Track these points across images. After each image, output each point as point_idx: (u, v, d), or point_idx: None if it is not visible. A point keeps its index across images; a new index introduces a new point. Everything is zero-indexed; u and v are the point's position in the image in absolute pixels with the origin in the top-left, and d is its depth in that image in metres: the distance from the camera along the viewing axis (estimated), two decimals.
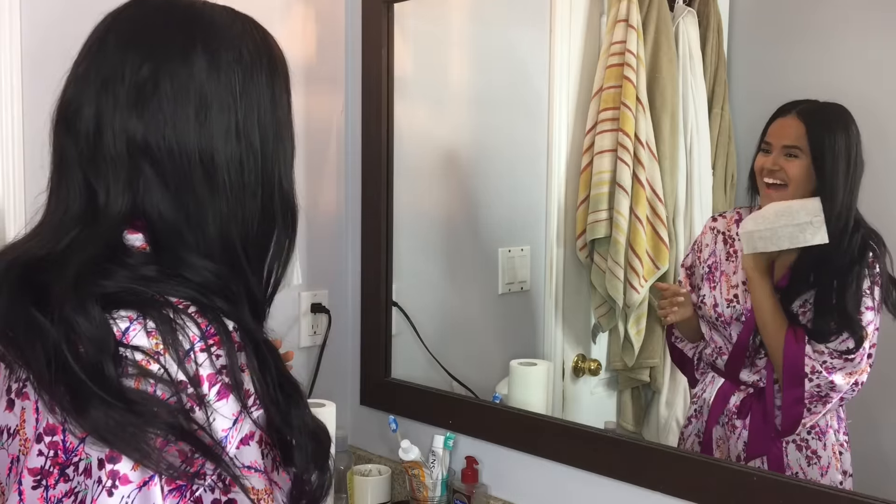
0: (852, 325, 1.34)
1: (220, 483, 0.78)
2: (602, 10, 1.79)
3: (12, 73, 1.50)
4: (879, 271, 1.33)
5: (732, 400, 1.48)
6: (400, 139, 1.94)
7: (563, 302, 1.88)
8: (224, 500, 0.78)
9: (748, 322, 1.47)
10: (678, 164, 1.68)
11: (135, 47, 0.85)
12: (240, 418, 0.79)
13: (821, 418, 1.39)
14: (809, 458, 1.40)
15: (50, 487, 0.77)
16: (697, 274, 1.58)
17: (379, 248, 1.94)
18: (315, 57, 1.97)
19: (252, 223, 0.89)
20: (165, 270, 0.83)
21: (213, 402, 0.78)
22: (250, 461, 0.80)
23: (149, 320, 0.78)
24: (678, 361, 1.66)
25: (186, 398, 0.76)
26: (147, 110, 0.83)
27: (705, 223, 1.60)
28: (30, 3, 1.52)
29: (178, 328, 0.78)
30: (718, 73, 1.62)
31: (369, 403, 1.99)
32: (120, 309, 0.78)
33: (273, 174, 0.90)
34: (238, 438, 0.79)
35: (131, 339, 0.77)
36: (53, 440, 0.77)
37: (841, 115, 1.37)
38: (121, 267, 0.81)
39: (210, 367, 0.78)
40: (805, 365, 1.36)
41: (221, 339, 0.80)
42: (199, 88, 0.85)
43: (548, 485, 1.64)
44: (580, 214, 1.79)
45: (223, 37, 0.87)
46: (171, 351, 0.77)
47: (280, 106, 0.91)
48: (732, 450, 1.47)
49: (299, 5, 1.93)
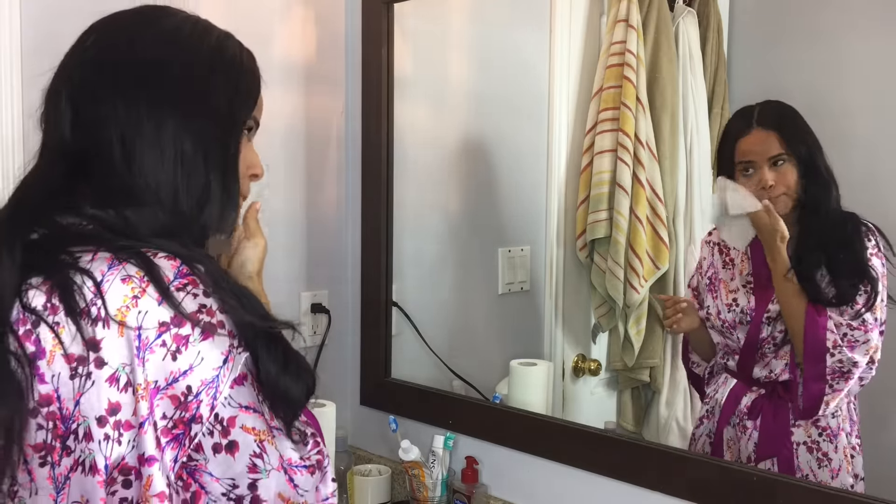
0: (868, 275, 1.35)
1: (219, 425, 0.78)
2: (602, 10, 1.79)
3: (12, 74, 1.50)
4: (875, 244, 1.36)
5: (744, 401, 1.48)
6: (400, 139, 1.94)
7: (563, 302, 1.88)
8: (226, 443, 0.78)
9: (754, 320, 1.47)
10: (678, 164, 1.68)
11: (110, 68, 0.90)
12: (230, 357, 0.79)
13: (840, 401, 1.38)
14: (820, 461, 1.40)
15: (55, 464, 0.78)
16: (701, 288, 1.58)
17: (379, 248, 1.94)
18: (315, 57, 1.97)
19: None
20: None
21: (199, 342, 0.78)
22: (247, 402, 0.80)
23: (126, 265, 0.79)
24: (692, 381, 1.66)
25: (171, 338, 0.77)
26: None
27: (701, 240, 1.60)
28: (29, 3, 1.52)
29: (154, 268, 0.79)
30: (718, 73, 1.62)
31: (369, 403, 1.99)
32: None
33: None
34: (231, 378, 0.79)
35: (107, 290, 0.78)
36: (50, 410, 0.78)
37: (788, 108, 1.41)
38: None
39: (192, 306, 0.79)
40: (827, 339, 1.35)
41: (199, 278, 0.81)
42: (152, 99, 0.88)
43: (548, 485, 1.64)
44: (580, 214, 1.79)
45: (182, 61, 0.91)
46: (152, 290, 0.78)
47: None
48: (743, 451, 1.47)
49: (299, 6, 1.93)
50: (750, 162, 1.43)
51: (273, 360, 0.82)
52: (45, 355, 0.77)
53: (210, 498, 0.79)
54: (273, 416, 0.82)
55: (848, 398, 1.39)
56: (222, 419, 0.78)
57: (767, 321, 1.46)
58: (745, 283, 1.50)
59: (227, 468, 0.79)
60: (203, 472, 0.78)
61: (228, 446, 0.78)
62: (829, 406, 1.38)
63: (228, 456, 0.79)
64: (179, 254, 0.82)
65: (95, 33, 0.92)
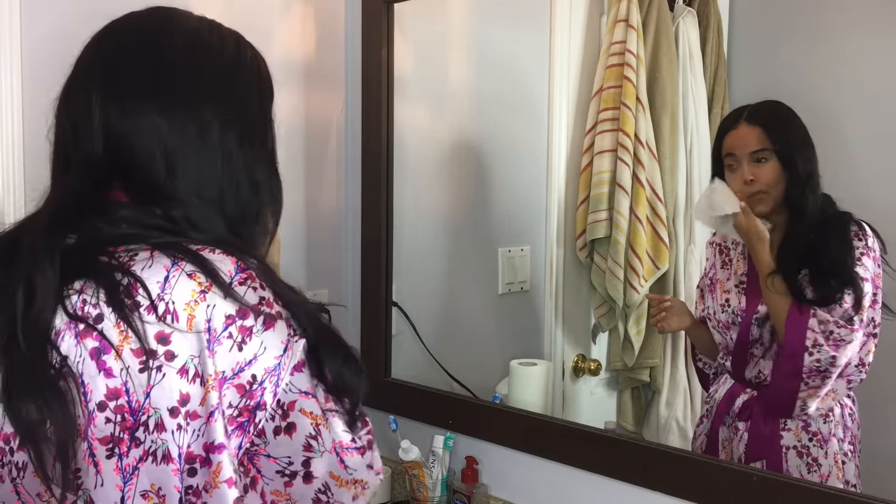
0: (850, 278, 1.34)
1: (280, 410, 0.82)
2: (602, 10, 1.79)
3: (12, 74, 1.50)
4: (867, 244, 1.35)
5: (737, 402, 1.48)
6: (400, 139, 1.94)
7: (563, 302, 1.88)
8: (285, 425, 0.82)
9: (744, 321, 1.47)
10: (678, 164, 1.68)
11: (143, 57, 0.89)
12: (289, 346, 0.83)
13: (828, 404, 1.38)
14: (810, 466, 1.39)
15: (123, 456, 0.79)
16: (703, 290, 1.59)
17: (379, 247, 1.94)
18: (315, 56, 1.97)
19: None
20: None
21: (262, 332, 0.81)
22: (305, 388, 0.83)
23: (187, 263, 0.81)
24: (701, 379, 1.67)
25: (237, 330, 0.80)
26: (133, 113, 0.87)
27: (706, 242, 1.61)
28: (30, 5, 1.52)
29: (215, 268, 0.82)
30: (718, 73, 1.62)
31: (369, 403, 1.96)
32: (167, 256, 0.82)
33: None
34: (291, 365, 0.83)
35: (174, 286, 0.80)
36: (119, 404, 0.79)
37: (782, 107, 1.41)
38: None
39: (253, 299, 0.82)
40: (807, 338, 1.35)
41: (255, 273, 0.84)
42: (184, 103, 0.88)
43: (548, 485, 1.64)
44: (580, 214, 1.79)
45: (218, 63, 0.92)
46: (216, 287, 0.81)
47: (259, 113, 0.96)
48: (735, 451, 1.47)
49: (299, 5, 1.93)
50: (733, 156, 1.44)
51: (333, 351, 0.87)
52: (112, 350, 0.79)
53: (265, 480, 0.83)
54: (328, 399, 0.85)
55: (842, 403, 1.39)
56: (283, 404, 0.82)
57: (757, 322, 1.46)
58: (738, 284, 1.50)
59: (284, 448, 0.82)
60: (261, 456, 0.82)
61: (287, 428, 0.82)
62: (809, 407, 1.38)
63: (286, 437, 0.82)
64: (233, 250, 0.85)
65: (115, 37, 0.91)
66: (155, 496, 0.79)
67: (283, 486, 0.84)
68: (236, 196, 0.90)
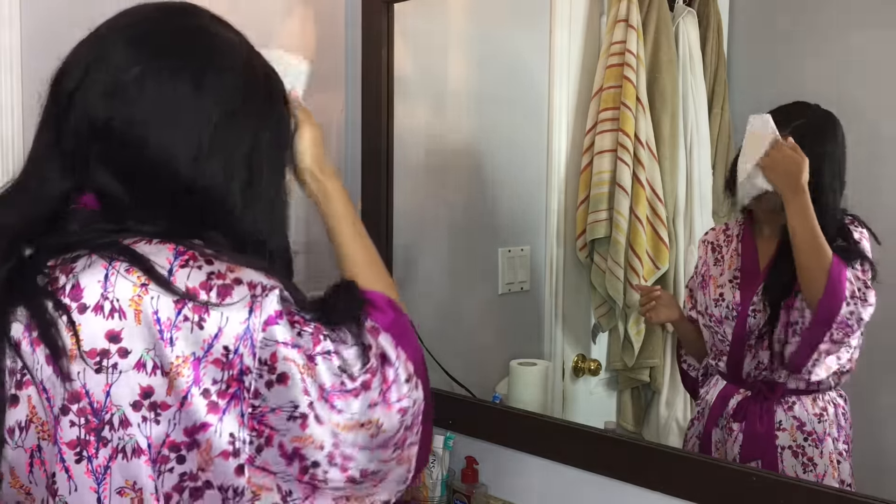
0: (863, 254, 1.35)
1: (265, 366, 0.81)
2: (602, 10, 1.79)
3: (12, 74, 1.50)
4: (861, 233, 1.36)
5: (731, 403, 1.49)
6: (400, 139, 1.94)
7: (563, 302, 1.88)
8: (276, 377, 0.81)
9: (741, 314, 1.48)
10: (678, 164, 1.68)
11: (135, 47, 0.88)
12: (254, 306, 0.81)
13: (826, 371, 1.38)
14: (805, 466, 1.39)
15: (92, 458, 0.80)
16: (694, 287, 1.59)
17: (378, 247, 1.94)
18: (315, 57, 1.97)
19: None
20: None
21: (220, 305, 0.80)
22: (284, 338, 0.82)
23: (122, 262, 0.82)
24: (685, 383, 1.67)
25: (190, 311, 0.79)
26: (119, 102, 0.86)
27: (699, 240, 1.61)
28: (30, 4, 1.52)
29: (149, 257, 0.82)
30: (718, 73, 1.62)
31: None
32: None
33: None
34: (262, 321, 0.81)
35: (115, 284, 0.81)
36: (80, 407, 0.80)
37: (829, 123, 1.38)
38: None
39: (200, 277, 0.81)
40: (846, 288, 1.34)
41: (198, 252, 0.83)
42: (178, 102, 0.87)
43: (547, 485, 1.64)
44: (580, 214, 1.79)
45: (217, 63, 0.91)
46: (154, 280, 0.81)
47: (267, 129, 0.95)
48: (729, 452, 1.47)
49: (299, 5, 1.93)
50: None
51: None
52: (65, 355, 0.80)
53: (280, 433, 0.82)
54: (318, 342, 0.84)
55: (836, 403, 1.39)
56: (265, 360, 0.81)
57: (753, 313, 1.46)
58: (732, 279, 1.51)
59: (284, 396, 0.81)
60: (267, 413, 0.81)
61: (280, 378, 0.81)
62: (815, 370, 1.38)
63: (281, 386, 0.81)
64: (172, 237, 0.84)
65: (123, 36, 0.89)
66: (131, 490, 0.80)
67: (300, 428, 0.82)
68: (254, 207, 0.93)
